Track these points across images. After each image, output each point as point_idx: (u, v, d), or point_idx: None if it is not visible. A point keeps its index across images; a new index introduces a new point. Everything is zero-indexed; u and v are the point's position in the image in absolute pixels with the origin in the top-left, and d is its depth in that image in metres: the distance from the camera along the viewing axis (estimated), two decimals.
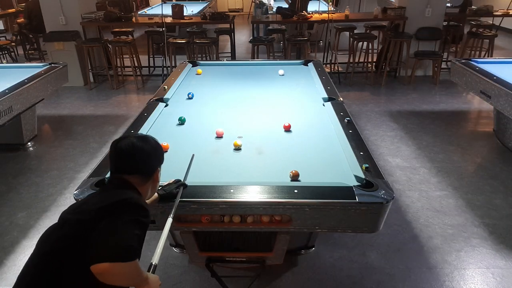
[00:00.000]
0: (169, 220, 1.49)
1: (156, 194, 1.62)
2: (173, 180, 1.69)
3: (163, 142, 2.10)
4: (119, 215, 1.20)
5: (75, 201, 1.56)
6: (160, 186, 1.62)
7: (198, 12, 7.03)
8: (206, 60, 6.34)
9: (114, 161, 1.40)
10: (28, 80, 3.57)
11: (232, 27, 6.10)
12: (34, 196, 3.19)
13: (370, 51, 5.86)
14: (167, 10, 6.22)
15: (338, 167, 1.91)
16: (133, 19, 6.06)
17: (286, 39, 6.13)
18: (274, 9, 6.66)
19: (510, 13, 6.50)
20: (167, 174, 1.85)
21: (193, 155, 1.91)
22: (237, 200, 1.62)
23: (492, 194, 3.14)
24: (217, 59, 6.39)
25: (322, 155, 2.05)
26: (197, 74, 3.09)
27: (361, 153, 1.97)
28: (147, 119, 2.46)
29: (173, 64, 6.02)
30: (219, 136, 2.26)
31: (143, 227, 1.24)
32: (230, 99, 2.93)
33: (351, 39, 6.03)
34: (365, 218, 1.63)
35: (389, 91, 5.66)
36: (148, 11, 7.74)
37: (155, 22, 5.98)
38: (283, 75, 2.91)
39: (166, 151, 2.09)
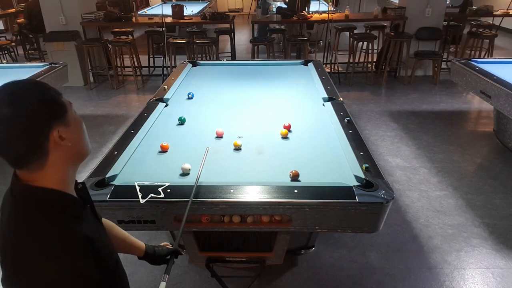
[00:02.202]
0: (163, 284, 1.21)
1: (142, 245, 1.41)
2: (168, 246, 1.49)
3: (163, 142, 2.11)
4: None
5: None
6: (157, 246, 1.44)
7: (198, 12, 7.03)
8: (206, 60, 6.34)
9: None
10: None
11: (232, 27, 6.11)
12: None
13: (370, 51, 5.87)
14: (167, 10, 6.23)
15: (338, 167, 1.91)
16: (133, 19, 6.06)
17: (286, 39, 6.13)
18: (274, 9, 6.66)
19: (510, 13, 6.50)
20: (167, 174, 1.86)
21: (207, 148, 1.86)
22: (237, 200, 1.62)
23: (492, 194, 3.14)
24: (217, 59, 6.38)
25: (322, 155, 2.05)
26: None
27: (361, 153, 1.97)
28: (147, 119, 2.46)
29: (173, 64, 6.03)
30: (219, 136, 2.26)
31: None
32: (230, 99, 2.93)
33: (351, 39, 6.03)
34: (365, 218, 1.63)
35: (389, 91, 5.66)
36: (148, 11, 7.74)
37: (155, 22, 5.98)
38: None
39: (166, 151, 2.09)
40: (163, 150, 2.09)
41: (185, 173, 1.84)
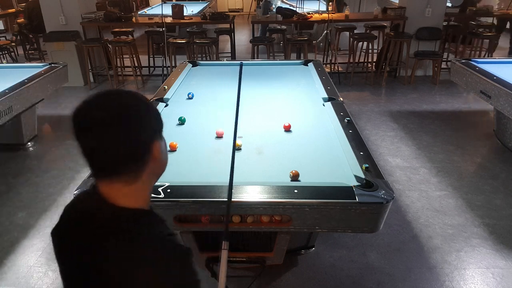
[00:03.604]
0: (224, 252, 1.30)
1: None
2: None
3: (172, 142, 2.09)
4: None
5: None
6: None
7: (198, 12, 7.02)
8: (206, 60, 6.34)
9: (86, 159, 0.81)
10: (28, 80, 3.56)
11: (232, 27, 6.10)
12: (34, 196, 3.19)
13: (370, 51, 5.86)
14: (167, 10, 6.22)
15: (338, 167, 1.91)
16: (133, 19, 6.06)
17: (287, 39, 6.12)
18: (274, 9, 6.66)
19: (510, 13, 6.50)
20: (167, 174, 1.84)
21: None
22: (237, 200, 1.62)
23: (492, 194, 3.14)
24: (217, 59, 6.38)
25: (322, 155, 2.05)
26: None
27: (361, 153, 1.97)
28: None
29: (173, 64, 6.02)
30: (219, 136, 2.26)
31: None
32: (230, 99, 2.93)
33: (351, 39, 6.03)
34: (365, 218, 1.63)
35: (389, 91, 5.65)
36: (148, 11, 7.74)
37: (155, 22, 5.98)
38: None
39: (175, 151, 2.08)
40: (172, 149, 2.08)
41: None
